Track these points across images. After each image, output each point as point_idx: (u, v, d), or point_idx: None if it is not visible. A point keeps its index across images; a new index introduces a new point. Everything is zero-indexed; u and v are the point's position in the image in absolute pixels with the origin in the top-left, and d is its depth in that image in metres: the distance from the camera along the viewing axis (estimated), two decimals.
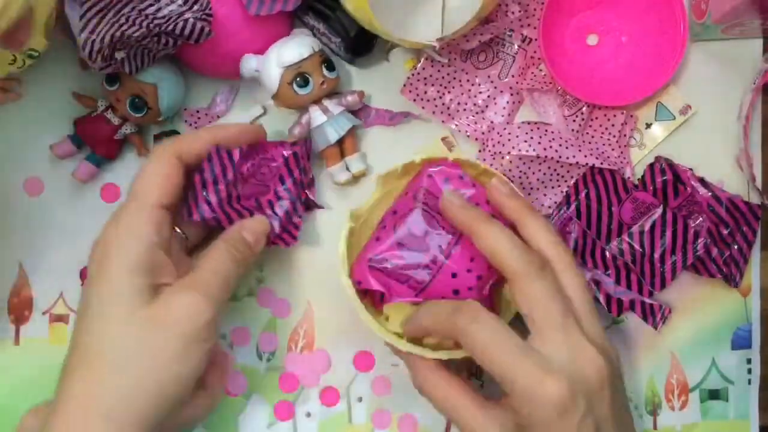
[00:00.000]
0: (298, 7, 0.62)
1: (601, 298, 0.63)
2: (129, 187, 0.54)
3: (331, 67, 0.62)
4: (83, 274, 0.66)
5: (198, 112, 0.66)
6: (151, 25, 0.56)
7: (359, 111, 0.66)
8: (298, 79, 0.61)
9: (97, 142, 0.64)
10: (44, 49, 0.57)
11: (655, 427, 0.68)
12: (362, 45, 0.64)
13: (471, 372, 0.67)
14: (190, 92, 0.66)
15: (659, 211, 0.64)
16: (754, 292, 0.68)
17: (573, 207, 0.65)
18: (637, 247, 0.64)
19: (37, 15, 0.54)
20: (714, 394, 0.68)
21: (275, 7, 0.61)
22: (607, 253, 0.64)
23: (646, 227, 0.64)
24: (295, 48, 0.61)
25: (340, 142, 0.64)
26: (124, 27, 0.56)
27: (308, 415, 0.68)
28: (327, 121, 0.63)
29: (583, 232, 0.64)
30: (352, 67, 0.67)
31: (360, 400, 0.68)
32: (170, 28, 0.56)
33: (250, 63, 0.62)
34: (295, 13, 0.64)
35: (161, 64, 0.62)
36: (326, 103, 0.63)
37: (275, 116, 0.66)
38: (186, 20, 0.57)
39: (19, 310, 0.66)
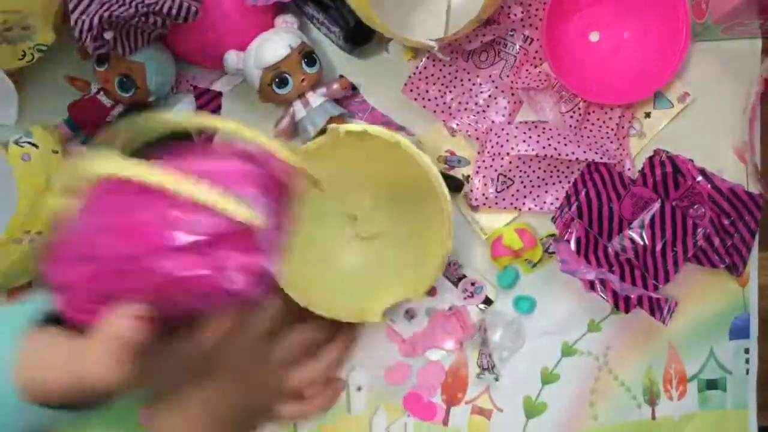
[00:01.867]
0: None
1: (608, 296, 0.63)
2: None
3: (311, 63, 0.62)
4: None
5: (191, 78, 0.66)
6: (140, 5, 0.56)
7: (352, 99, 0.66)
8: (276, 80, 0.61)
9: (91, 125, 0.64)
10: (52, 43, 0.58)
11: (653, 417, 0.69)
12: (361, 35, 0.63)
13: (483, 366, 0.67)
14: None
15: (657, 204, 0.64)
16: (753, 279, 0.68)
17: (574, 207, 0.65)
18: (638, 241, 0.64)
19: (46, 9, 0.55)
20: (712, 384, 0.69)
21: None
22: (610, 251, 0.64)
23: (646, 221, 0.64)
24: (272, 49, 0.60)
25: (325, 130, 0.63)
26: (114, 7, 0.56)
27: None
28: (306, 115, 0.63)
29: (585, 231, 0.64)
30: (351, 57, 0.66)
31: (359, 389, 0.68)
32: (158, 7, 0.57)
33: (231, 60, 0.62)
34: (295, 3, 0.64)
35: (147, 45, 0.61)
36: (308, 95, 0.63)
37: (262, 109, 0.66)
38: (174, 0, 0.57)
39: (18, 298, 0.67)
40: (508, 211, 0.67)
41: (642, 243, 0.64)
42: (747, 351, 0.69)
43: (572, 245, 0.64)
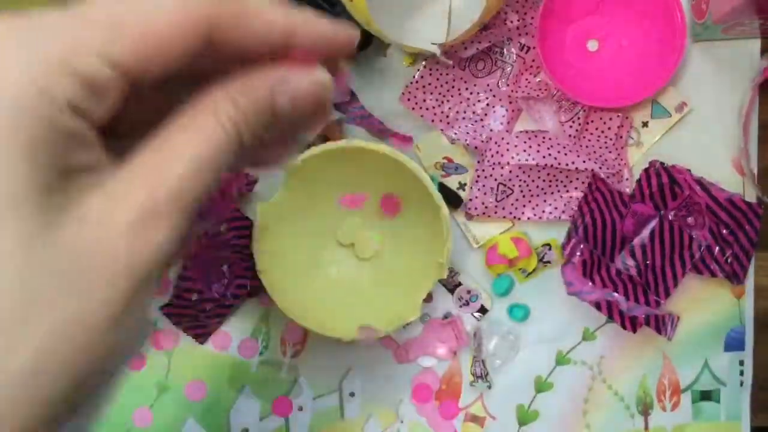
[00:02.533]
0: (297, 0, 0.61)
1: (615, 317, 0.63)
2: None
3: None
4: None
5: None
6: None
7: (349, 105, 0.65)
8: None
9: None
10: None
11: (646, 428, 0.68)
12: (360, 41, 0.63)
13: (477, 375, 0.67)
14: None
15: (656, 220, 0.64)
16: (748, 292, 0.68)
17: (581, 231, 0.65)
18: (639, 257, 0.64)
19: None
20: (706, 396, 0.69)
21: None
22: (613, 269, 0.64)
23: (646, 238, 0.64)
24: None
25: (323, 135, 0.63)
26: None
27: (300, 409, 0.68)
28: None
29: (590, 253, 0.64)
30: (349, 62, 0.66)
31: (352, 395, 0.68)
32: None
33: None
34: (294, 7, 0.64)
35: None
36: None
37: None
38: None
39: None
40: (501, 222, 0.66)
41: (643, 259, 0.64)
42: (742, 363, 0.69)
43: (579, 268, 0.64)
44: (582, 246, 0.64)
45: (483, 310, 0.67)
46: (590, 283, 0.63)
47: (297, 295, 0.63)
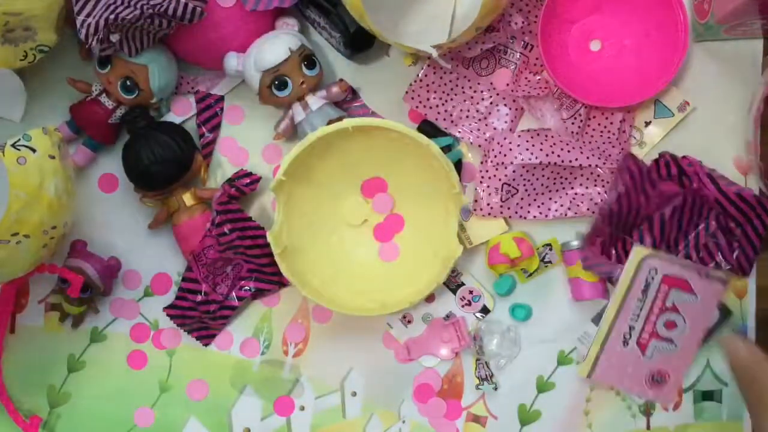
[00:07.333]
0: (300, 0, 0.62)
1: None
2: None
3: (311, 65, 0.62)
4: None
5: (191, 80, 0.66)
6: (145, 7, 0.56)
7: (351, 103, 0.66)
8: (276, 82, 0.61)
9: (92, 127, 0.64)
10: (55, 45, 0.58)
11: (648, 427, 0.68)
12: (362, 40, 0.63)
13: (482, 377, 0.67)
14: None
15: (680, 198, 0.64)
16: (750, 293, 0.68)
17: (607, 217, 0.64)
18: (657, 233, 0.64)
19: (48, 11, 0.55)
20: (708, 396, 0.69)
21: (272, 2, 0.61)
22: (628, 243, 0.64)
23: (667, 215, 0.64)
24: (271, 51, 0.60)
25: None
26: (119, 9, 0.56)
27: (302, 408, 0.68)
28: (305, 118, 0.63)
29: (610, 234, 0.64)
30: (352, 62, 0.66)
31: (354, 394, 0.68)
32: (163, 9, 0.57)
33: (231, 62, 0.62)
34: (297, 7, 0.64)
35: (152, 45, 0.62)
36: (308, 98, 0.63)
37: (262, 111, 0.66)
38: (179, 1, 0.57)
39: (16, 298, 0.67)
40: (497, 224, 0.66)
41: (660, 234, 0.64)
42: None
43: (598, 248, 0.64)
44: (605, 228, 0.64)
45: (485, 310, 0.67)
46: (606, 259, 0.63)
47: (323, 280, 0.64)
